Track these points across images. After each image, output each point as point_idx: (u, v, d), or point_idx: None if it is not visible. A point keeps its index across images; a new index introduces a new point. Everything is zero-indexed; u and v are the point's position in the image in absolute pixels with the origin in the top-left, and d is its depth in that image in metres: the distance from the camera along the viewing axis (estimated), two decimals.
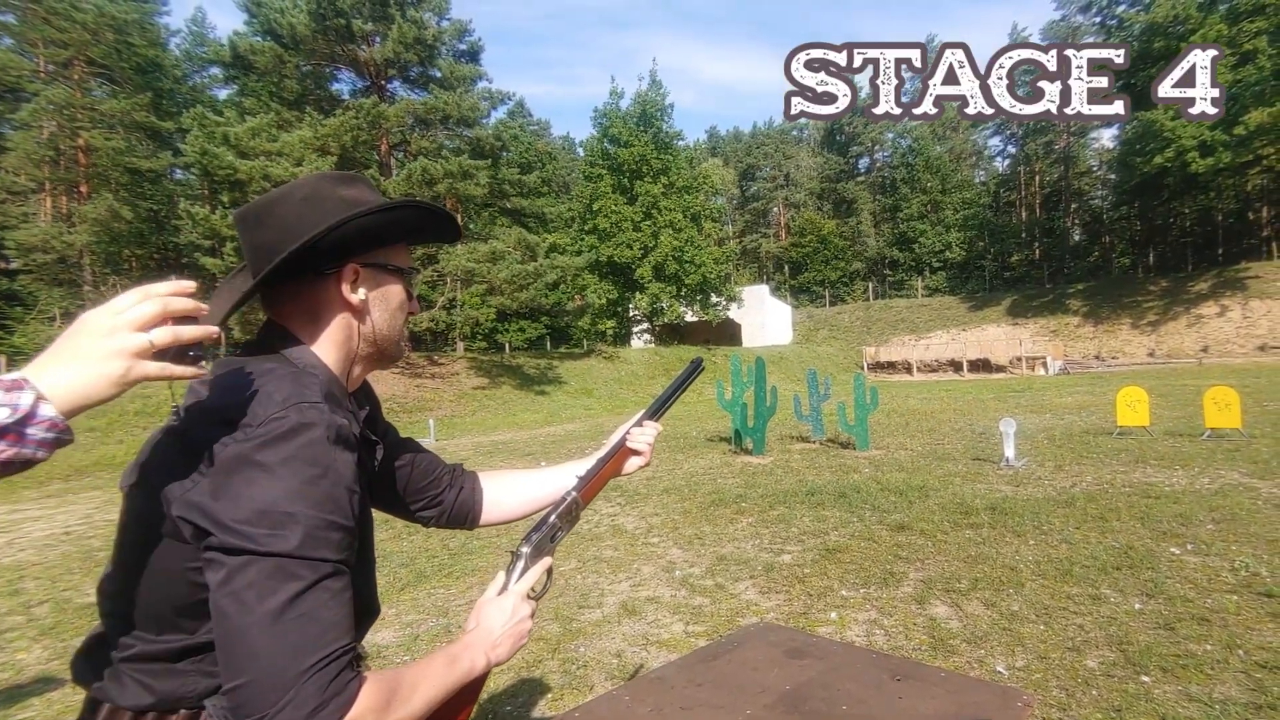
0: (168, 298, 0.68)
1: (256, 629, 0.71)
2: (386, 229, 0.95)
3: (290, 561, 0.74)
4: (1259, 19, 29.38)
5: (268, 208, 0.92)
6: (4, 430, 0.59)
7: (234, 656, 0.72)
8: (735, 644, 1.80)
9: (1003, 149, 55.09)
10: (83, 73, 29.06)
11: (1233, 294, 30.81)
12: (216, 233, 21.03)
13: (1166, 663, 3.10)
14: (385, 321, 0.99)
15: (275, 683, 0.70)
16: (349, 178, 0.97)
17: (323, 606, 0.75)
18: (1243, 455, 7.78)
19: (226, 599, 0.73)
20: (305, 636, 0.72)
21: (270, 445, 0.76)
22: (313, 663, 0.72)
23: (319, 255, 0.88)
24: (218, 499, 0.75)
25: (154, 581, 0.82)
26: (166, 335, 0.67)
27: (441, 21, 24.35)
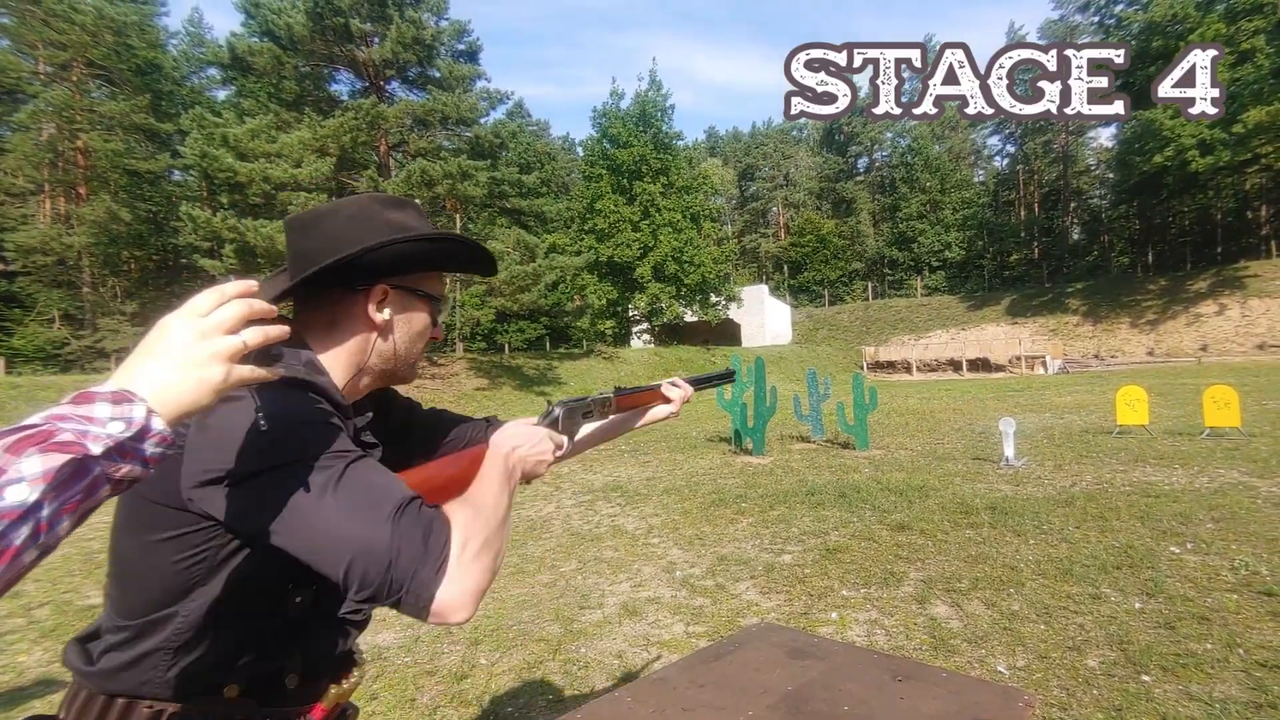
0: (250, 299, 0.66)
1: (327, 514, 0.75)
2: (423, 257, 0.99)
3: (313, 461, 0.77)
4: (1257, 18, 29.40)
5: (316, 219, 0.96)
6: (122, 447, 0.55)
7: (328, 553, 0.75)
8: (737, 645, 1.80)
9: (1001, 148, 55.14)
10: (82, 74, 29.04)
11: (1231, 293, 30.82)
12: (216, 235, 21.02)
13: (1167, 662, 3.10)
14: (405, 344, 1.01)
15: (375, 541, 0.74)
16: (399, 202, 1.01)
17: (370, 474, 0.79)
18: (1242, 454, 7.79)
19: (286, 516, 0.75)
20: (371, 497, 0.76)
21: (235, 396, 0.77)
22: (393, 508, 0.76)
23: (353, 271, 0.92)
24: (209, 451, 0.77)
25: (137, 574, 0.84)
26: (259, 336, 0.66)
27: (440, 21, 24.34)
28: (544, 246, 26.57)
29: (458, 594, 0.75)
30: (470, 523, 0.80)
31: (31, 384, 17.52)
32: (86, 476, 0.54)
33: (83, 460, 0.53)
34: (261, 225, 20.01)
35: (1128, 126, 32.86)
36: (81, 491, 0.54)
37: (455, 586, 0.75)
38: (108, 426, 0.55)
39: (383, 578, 0.73)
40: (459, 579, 0.76)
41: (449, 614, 0.76)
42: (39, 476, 0.51)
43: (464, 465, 1.00)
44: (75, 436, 0.53)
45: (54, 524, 0.52)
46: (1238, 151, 28.88)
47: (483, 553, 0.80)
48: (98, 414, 0.56)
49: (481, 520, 0.82)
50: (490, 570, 0.80)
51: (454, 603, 0.75)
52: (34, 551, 0.52)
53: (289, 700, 0.92)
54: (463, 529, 0.79)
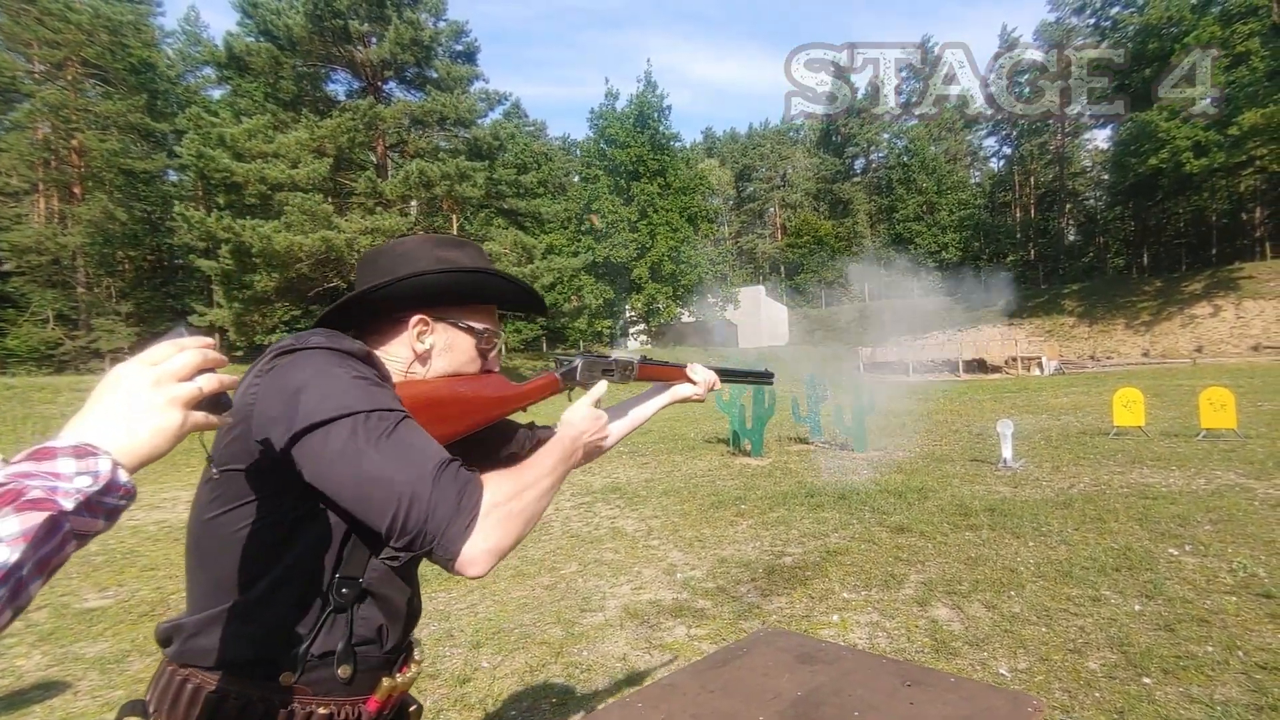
0: (203, 349, 0.67)
1: (377, 462, 0.81)
2: (456, 290, 1.05)
3: (364, 415, 0.83)
4: (1252, 21, 29.58)
5: (378, 256, 1.07)
6: (89, 502, 0.55)
7: (376, 501, 0.81)
8: (745, 650, 1.81)
9: (998, 149, 55.30)
10: (77, 74, 28.90)
11: (1226, 294, 30.98)
12: (212, 235, 20.97)
13: (1167, 664, 3.11)
14: (443, 373, 1.07)
15: (419, 491, 0.80)
16: (456, 241, 1.09)
17: (416, 433, 0.86)
18: (1238, 456, 7.82)
19: (338, 463, 0.81)
20: (415, 452, 0.83)
21: (296, 351, 0.88)
22: (435, 464, 0.82)
23: (394, 302, 1.02)
24: (268, 401, 0.85)
25: (211, 550, 0.92)
26: (214, 382, 0.67)
27: (438, 22, 24.34)
28: (541, 248, 26.57)
29: (478, 550, 0.81)
30: (505, 489, 0.87)
31: (26, 385, 17.43)
32: (58, 534, 0.53)
33: (56, 518, 0.53)
34: (258, 225, 19.98)
35: (1124, 128, 33.01)
36: (54, 549, 0.54)
37: (478, 543, 0.81)
38: (74, 481, 0.55)
39: (421, 527, 0.80)
40: (482, 537, 0.82)
41: (467, 567, 0.82)
42: (18, 536, 0.50)
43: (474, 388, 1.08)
44: (45, 494, 0.53)
45: (29, 583, 0.52)
46: (1233, 153, 29.04)
47: (510, 518, 0.86)
48: (62, 469, 0.55)
49: (519, 489, 0.88)
50: (515, 535, 0.86)
51: (473, 557, 0.81)
52: (9, 613, 0.51)
53: (342, 691, 0.94)
54: (496, 493, 0.85)
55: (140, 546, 6.40)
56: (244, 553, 0.89)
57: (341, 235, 20.78)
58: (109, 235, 28.79)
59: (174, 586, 5.03)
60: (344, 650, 0.93)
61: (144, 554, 6.09)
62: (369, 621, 0.96)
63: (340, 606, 0.92)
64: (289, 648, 0.90)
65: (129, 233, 30.08)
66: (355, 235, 21.40)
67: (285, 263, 20.69)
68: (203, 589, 0.92)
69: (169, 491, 9.90)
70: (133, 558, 5.97)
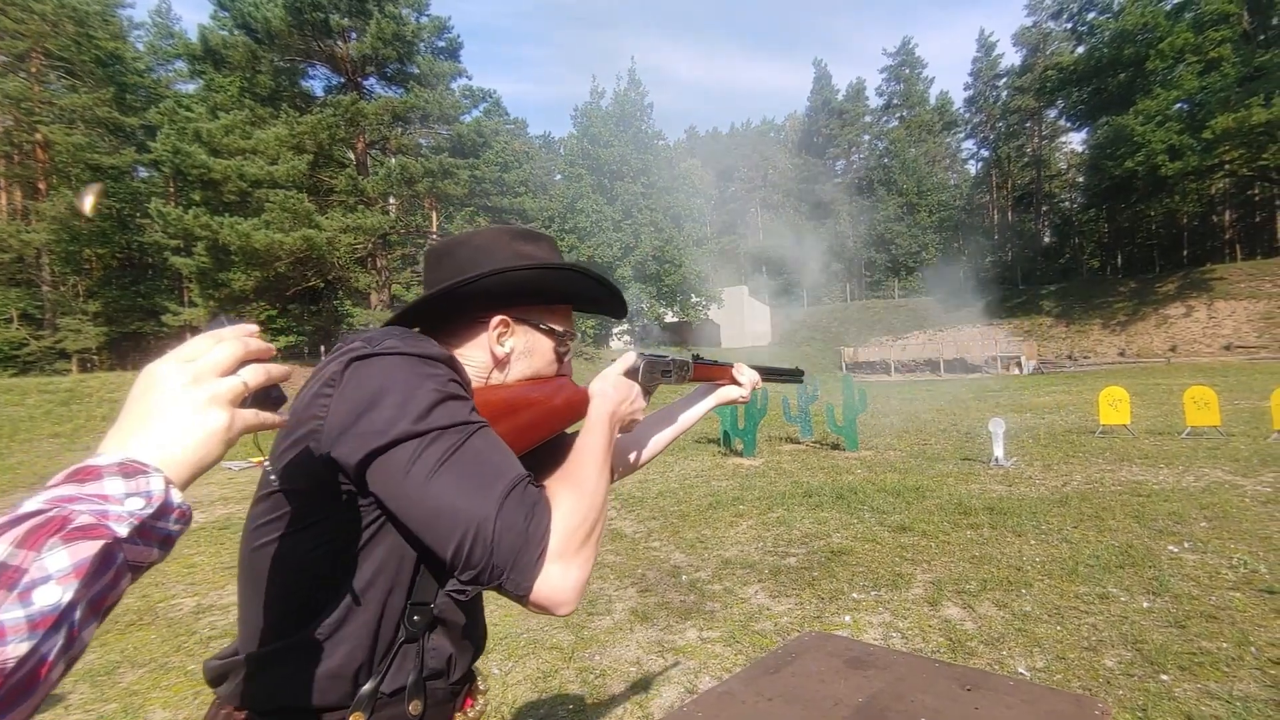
0: (245, 338, 0.60)
1: (444, 485, 0.73)
2: (542, 288, 0.98)
3: (439, 431, 0.75)
4: (1223, 28, 30.25)
5: (448, 249, 0.98)
6: (143, 527, 0.48)
7: (440, 530, 0.74)
8: (793, 655, 1.75)
9: (976, 152, 56.03)
10: (41, 65, 28.07)
11: (1198, 295, 31.66)
12: (188, 232, 20.51)
13: (1183, 661, 3.12)
14: (520, 378, 0.99)
15: (483, 521, 0.72)
16: (532, 235, 1.01)
17: (487, 449, 0.77)
18: (1223, 453, 7.96)
19: (407, 486, 0.74)
20: (487, 472, 0.75)
21: (371, 357, 0.78)
22: (503, 489, 0.74)
23: (472, 302, 0.93)
24: (341, 414, 0.76)
25: (267, 579, 0.83)
26: (260, 374, 0.59)
27: (420, 17, 24.05)
28: None
29: (560, 587, 0.74)
30: (574, 508, 0.79)
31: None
32: (113, 566, 0.46)
33: (110, 547, 0.45)
34: (237, 223, 19.58)
35: (1099, 131, 33.60)
36: (108, 585, 0.45)
37: (558, 579, 0.74)
38: (126, 504, 0.48)
39: (486, 561, 0.72)
40: (561, 571, 0.74)
41: (553, 607, 0.75)
42: (69, 572, 0.43)
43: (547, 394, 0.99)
44: (96, 519, 0.45)
45: (83, 628, 0.44)
46: (1205, 157, 29.68)
47: (586, 542, 0.79)
48: (110, 490, 0.48)
49: (585, 502, 0.81)
50: (593, 558, 0.79)
51: (557, 596, 0.74)
52: (62, 665, 0.43)
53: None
54: (566, 515, 0.78)
55: None
56: (310, 580, 0.80)
57: (322, 233, 20.45)
58: (75, 232, 27.95)
59: (160, 595, 4.88)
60: (415, 684, 0.84)
61: None
62: (439, 652, 0.87)
63: (412, 636, 0.84)
64: (359, 685, 0.81)
65: (96, 230, 29.23)
66: (336, 233, 21.07)
67: (264, 261, 20.31)
68: (261, 620, 0.83)
69: None
70: None
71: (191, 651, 3.80)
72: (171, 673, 3.54)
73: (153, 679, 3.47)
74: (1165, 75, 31.77)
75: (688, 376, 1.28)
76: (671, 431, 1.38)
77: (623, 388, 1.01)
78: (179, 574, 5.37)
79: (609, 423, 0.95)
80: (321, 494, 0.79)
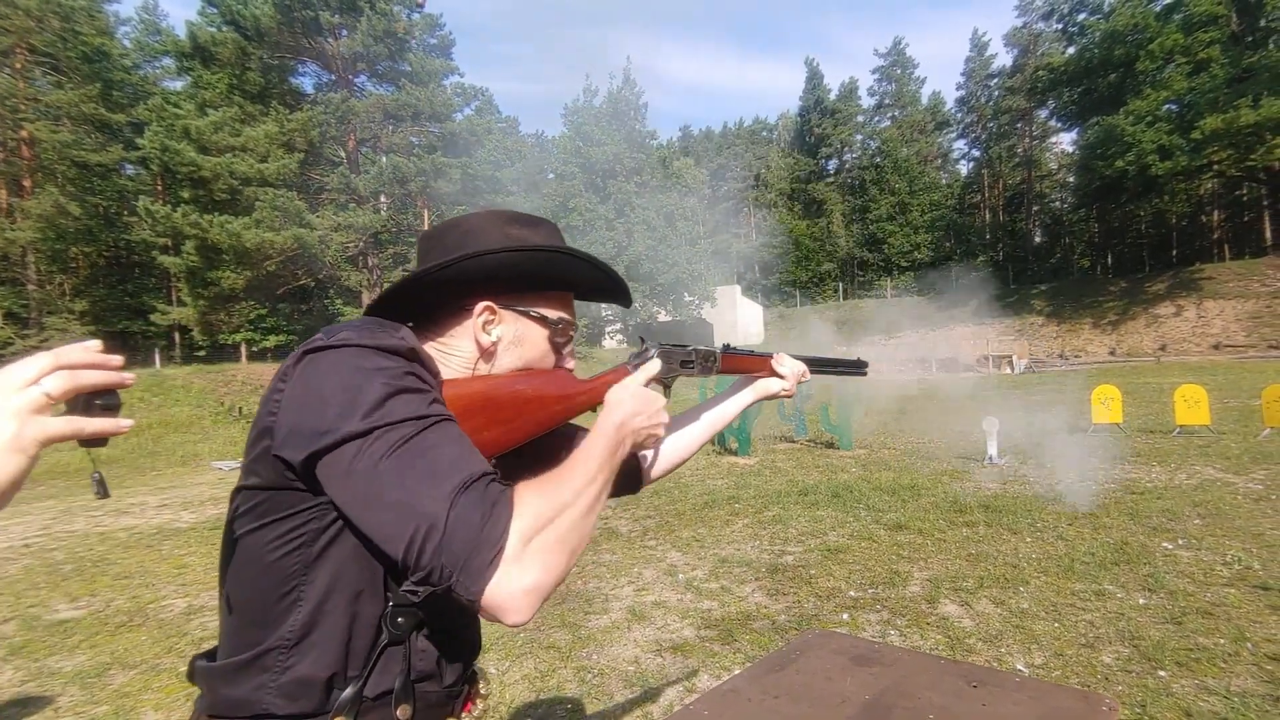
0: (66, 352, 0.59)
1: (393, 480, 0.69)
2: (530, 272, 0.91)
3: (389, 426, 0.71)
4: (1212, 29, 30.50)
5: (440, 233, 0.94)
6: None
7: (389, 530, 0.69)
8: (798, 653, 1.73)
9: (967, 152, 56.30)
10: (26, 61, 27.73)
11: (1188, 294, 31.92)
12: (177, 231, 20.34)
13: (1180, 657, 3.13)
14: (511, 370, 0.93)
15: (433, 518, 0.67)
16: (529, 219, 0.95)
17: (446, 443, 0.73)
18: (1214, 451, 8.01)
19: (353, 486, 0.70)
20: (441, 466, 0.70)
21: (324, 350, 0.75)
22: (460, 481, 0.69)
23: (454, 287, 0.88)
24: (289, 412, 0.74)
25: (242, 576, 0.80)
26: (64, 380, 0.58)
27: (412, 14, 23.95)
28: None
29: (510, 591, 0.68)
30: (542, 510, 0.72)
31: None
32: None
33: None
34: (227, 221, 19.43)
35: (1090, 131, 33.81)
36: None
37: (509, 583, 0.68)
38: None
39: (434, 560, 0.67)
40: (514, 575, 0.68)
41: (501, 613, 0.69)
42: None
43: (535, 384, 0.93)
44: None
45: None
46: (1194, 157, 29.92)
47: (552, 548, 0.71)
48: None
49: (558, 507, 0.74)
50: (559, 568, 0.72)
51: (506, 601, 0.68)
52: None
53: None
54: (530, 517, 0.71)
55: (110, 554, 6.13)
56: (275, 579, 0.77)
57: (314, 232, 20.32)
58: (61, 230, 27.65)
59: (151, 596, 4.82)
60: (402, 688, 0.81)
61: (115, 561, 5.83)
62: (427, 654, 0.84)
63: (396, 638, 0.80)
64: (340, 689, 0.78)
65: (83, 228, 28.91)
66: (327, 232, 20.94)
67: (254, 260, 20.16)
68: (237, 621, 0.80)
69: (135, 496, 9.55)
70: (104, 566, 5.71)
71: (183, 653, 3.75)
72: (163, 674, 3.49)
73: (144, 681, 3.42)
74: (1155, 76, 31.99)
75: (714, 369, 1.19)
76: (700, 433, 1.28)
77: (641, 399, 0.91)
78: (170, 574, 5.31)
79: (615, 434, 0.86)
80: (279, 490, 0.76)
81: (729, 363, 1.22)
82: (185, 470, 12.51)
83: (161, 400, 16.86)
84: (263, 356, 26.26)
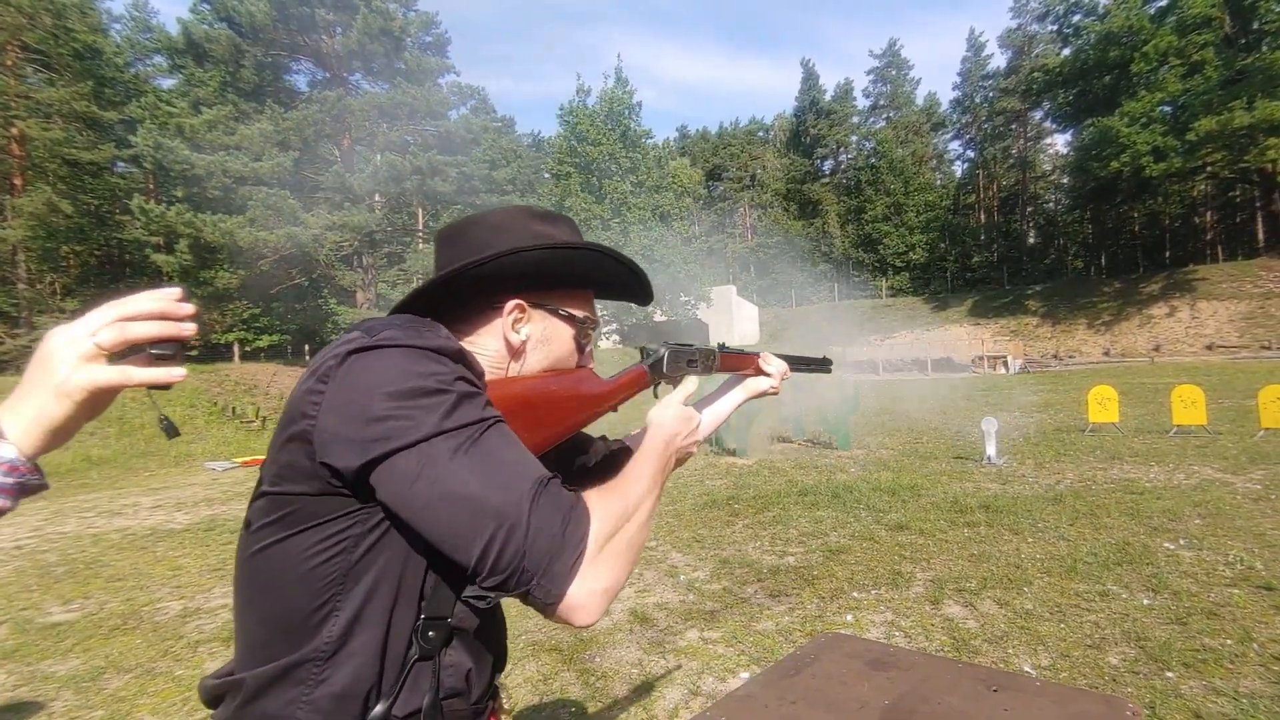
0: (132, 302, 0.61)
1: (463, 483, 0.67)
2: (560, 270, 0.90)
3: (442, 435, 0.68)
4: (1206, 31, 30.66)
5: (462, 229, 0.92)
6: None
7: (461, 533, 0.67)
8: (812, 657, 1.70)
9: (962, 153, 56.47)
10: (17, 58, 27.47)
11: (1181, 295, 32.10)
12: (170, 229, 20.21)
13: (1186, 658, 3.11)
14: (539, 369, 0.92)
15: (514, 523, 0.66)
16: (550, 215, 0.94)
17: (508, 445, 0.72)
18: (1211, 451, 8.03)
19: (418, 491, 0.68)
20: (509, 469, 0.70)
21: (370, 350, 0.71)
22: (533, 483, 0.69)
23: (485, 285, 0.86)
24: (334, 415, 0.70)
25: (271, 588, 0.76)
26: (112, 333, 0.59)
27: (408, 12, 23.85)
28: None
29: (589, 593, 0.69)
30: (614, 515, 0.74)
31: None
32: None
33: None
34: (220, 220, 19.31)
35: (1086, 133, 33.93)
36: None
37: (588, 584, 0.68)
38: None
39: (517, 563, 0.66)
40: (593, 577, 0.69)
41: (576, 614, 0.69)
42: None
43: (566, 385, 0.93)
44: None
45: None
46: (1188, 159, 30.07)
47: (622, 552, 0.73)
48: None
49: (626, 513, 0.75)
50: (627, 571, 0.74)
51: (584, 603, 0.69)
52: None
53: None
54: (604, 521, 0.72)
55: (104, 555, 6.07)
56: (309, 590, 0.73)
57: (308, 231, 20.21)
58: (53, 229, 27.37)
59: (145, 598, 4.76)
60: (430, 706, 0.77)
61: (108, 563, 5.77)
62: (457, 668, 0.80)
63: (426, 653, 0.77)
64: (369, 708, 0.75)
65: (74, 226, 28.62)
66: (322, 231, 20.83)
67: (248, 259, 20.04)
68: (260, 636, 0.76)
69: (128, 497, 9.47)
70: (97, 568, 5.65)
71: (179, 656, 3.70)
72: (159, 678, 3.44)
73: (139, 685, 3.37)
74: (1150, 78, 32.14)
75: (714, 367, 1.22)
76: (703, 430, 1.32)
77: (682, 418, 0.94)
78: (164, 577, 5.25)
79: (664, 452, 0.88)
80: (317, 496, 0.72)
81: (725, 361, 1.25)
82: (179, 471, 12.41)
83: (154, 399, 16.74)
84: (255, 356, 26.10)
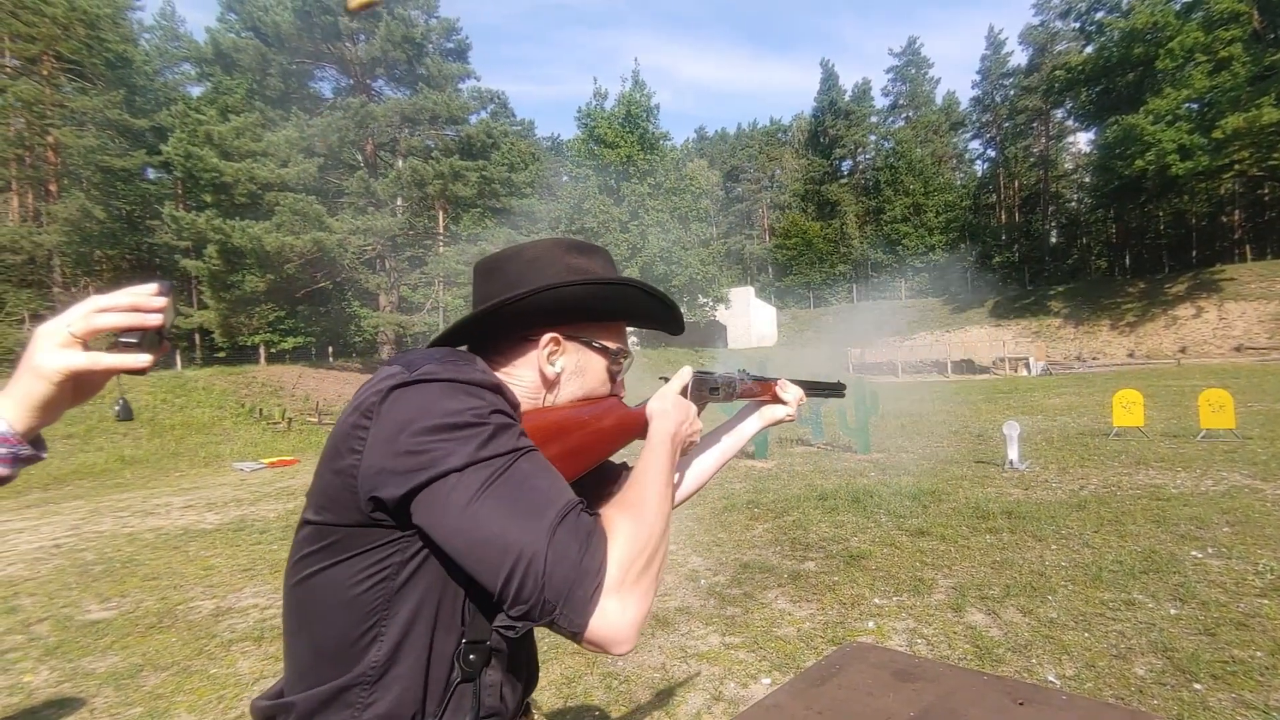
0: (110, 297, 0.69)
1: (490, 515, 0.70)
2: (595, 304, 0.93)
3: (478, 465, 0.71)
4: (1234, 27, 30.06)
5: (499, 263, 0.95)
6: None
7: (487, 563, 0.70)
8: (837, 667, 1.73)
9: (983, 152, 55.84)
10: (52, 68, 28.22)
11: (1208, 296, 31.47)
12: (200, 235, 20.61)
13: (1215, 670, 3.08)
14: (572, 399, 0.95)
15: (534, 554, 0.68)
16: (586, 247, 0.97)
17: (534, 477, 0.74)
18: (1240, 456, 7.88)
19: (451, 520, 0.71)
20: (537, 499, 0.71)
21: (411, 385, 0.75)
22: (554, 517, 0.70)
23: (522, 319, 0.90)
24: (378, 451, 0.73)
25: (316, 614, 0.79)
26: (83, 323, 0.67)
27: (429, 19, 24.12)
28: None
29: (617, 624, 0.69)
30: (632, 537, 0.73)
31: None
32: None
33: None
34: (248, 226, 19.66)
35: (1109, 131, 33.41)
36: None
37: (615, 616, 0.69)
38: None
39: (537, 596, 0.67)
40: (619, 607, 0.69)
41: (609, 645, 0.69)
42: None
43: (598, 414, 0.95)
44: None
45: None
46: (1215, 157, 29.50)
47: (644, 574, 0.73)
48: None
49: (645, 530, 0.75)
50: (652, 593, 0.74)
51: (613, 634, 0.69)
52: None
53: None
54: (623, 545, 0.72)
55: (139, 555, 6.23)
56: (354, 615, 0.77)
57: (332, 235, 20.51)
58: (86, 234, 28.13)
59: (179, 597, 4.89)
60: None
61: (143, 562, 5.92)
62: (495, 688, 0.84)
63: (468, 676, 0.81)
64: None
65: (107, 231, 29.40)
66: (346, 235, 21.13)
67: (275, 263, 20.38)
68: (308, 660, 0.79)
69: (161, 497, 9.69)
70: (132, 566, 5.80)
71: (213, 655, 3.80)
72: (194, 676, 3.54)
73: (176, 683, 3.47)
74: (1175, 75, 31.56)
75: (735, 394, 1.23)
76: (715, 459, 1.32)
77: (682, 407, 0.96)
78: (196, 576, 5.38)
79: (671, 444, 0.89)
80: (359, 527, 0.76)
81: (745, 389, 1.26)
82: (208, 471, 12.67)
83: (184, 401, 17.08)
84: (281, 358, 26.54)
